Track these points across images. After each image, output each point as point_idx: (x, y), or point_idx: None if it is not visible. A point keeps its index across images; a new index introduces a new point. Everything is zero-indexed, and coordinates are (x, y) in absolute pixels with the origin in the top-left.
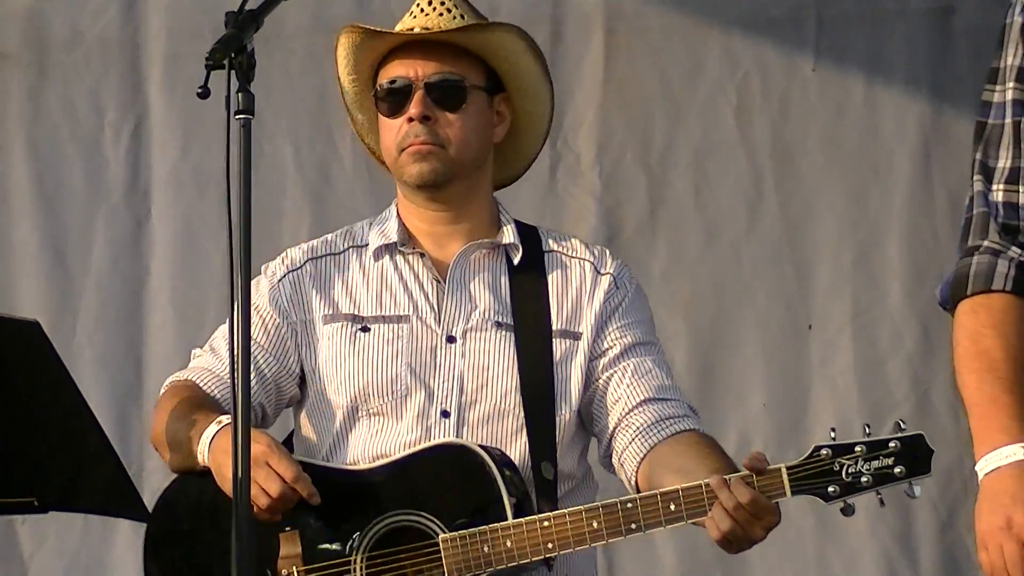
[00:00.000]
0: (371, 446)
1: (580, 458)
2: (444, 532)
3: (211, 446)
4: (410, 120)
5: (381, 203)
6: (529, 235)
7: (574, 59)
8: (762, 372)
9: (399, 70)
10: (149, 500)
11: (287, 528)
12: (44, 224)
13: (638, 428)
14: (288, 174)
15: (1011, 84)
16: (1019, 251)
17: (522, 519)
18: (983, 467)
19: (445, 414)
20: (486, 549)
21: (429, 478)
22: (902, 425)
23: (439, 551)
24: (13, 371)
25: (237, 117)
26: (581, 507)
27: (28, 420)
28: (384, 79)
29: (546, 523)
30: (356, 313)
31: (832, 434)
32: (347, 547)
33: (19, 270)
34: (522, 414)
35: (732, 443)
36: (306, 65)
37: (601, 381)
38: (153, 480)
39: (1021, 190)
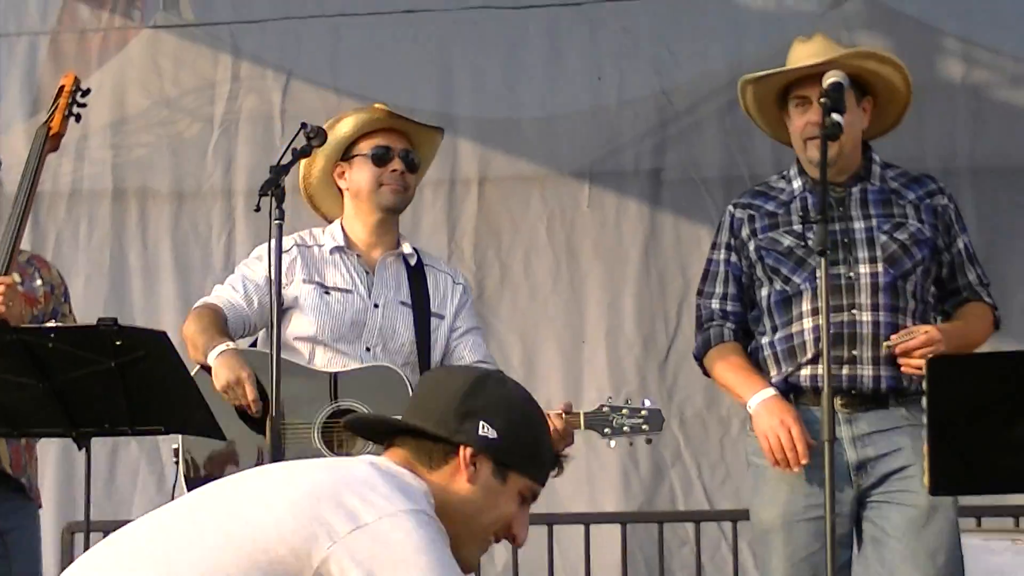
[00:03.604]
0: (322, 361)
1: None
2: (372, 416)
3: (215, 360)
4: (393, 171)
5: None
6: (416, 251)
7: (461, 199)
8: (559, 366)
9: (386, 141)
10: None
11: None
12: (180, 290)
13: None
14: None
15: (722, 252)
16: (731, 326)
17: None
18: (754, 402)
19: (368, 350)
20: None
21: (367, 382)
22: (646, 402)
23: None
24: (149, 360)
25: (275, 221)
26: None
27: (160, 387)
28: (371, 146)
29: None
30: (322, 283)
31: (609, 399)
32: (311, 414)
33: (165, 315)
34: (415, 356)
35: (542, 405)
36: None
37: (452, 345)
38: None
39: (728, 306)
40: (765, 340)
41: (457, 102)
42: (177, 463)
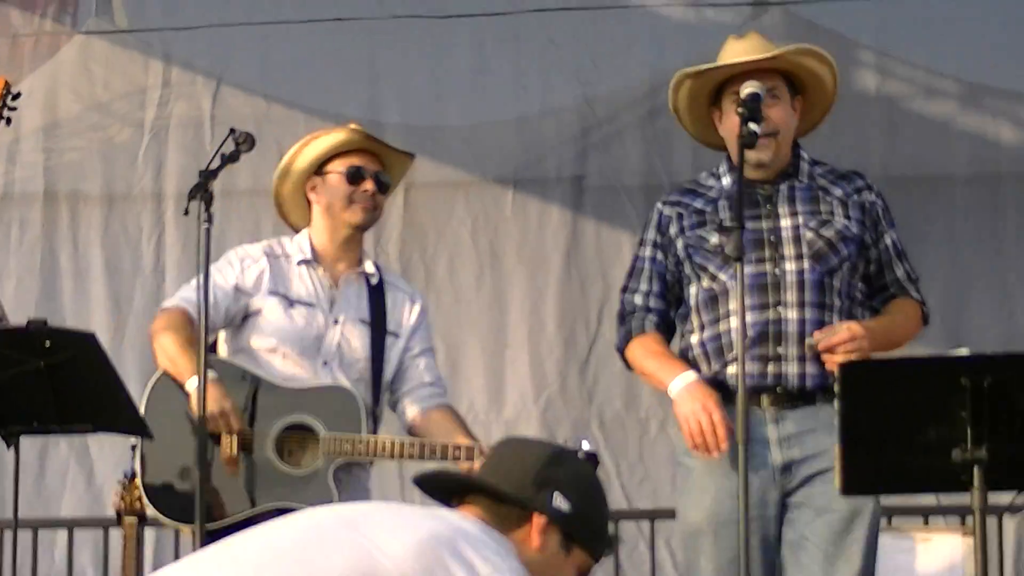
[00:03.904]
0: (281, 371)
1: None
2: (325, 432)
3: (195, 389)
4: (364, 191)
5: None
6: (378, 269)
7: (387, 203)
8: (482, 367)
9: (360, 161)
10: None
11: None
12: (109, 291)
13: (419, 396)
14: None
15: (648, 249)
16: (653, 319)
17: (372, 436)
18: (675, 387)
19: (325, 364)
20: (348, 447)
21: (324, 400)
22: (584, 444)
23: (319, 441)
24: (79, 360)
25: (203, 224)
26: (408, 439)
27: (89, 387)
28: (346, 164)
29: (387, 443)
30: (287, 295)
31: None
32: (268, 425)
33: (95, 316)
34: (368, 375)
35: (464, 407)
36: (247, 214)
37: (405, 364)
38: None
39: (651, 302)
40: (694, 339)
41: (384, 109)
42: (134, 459)
